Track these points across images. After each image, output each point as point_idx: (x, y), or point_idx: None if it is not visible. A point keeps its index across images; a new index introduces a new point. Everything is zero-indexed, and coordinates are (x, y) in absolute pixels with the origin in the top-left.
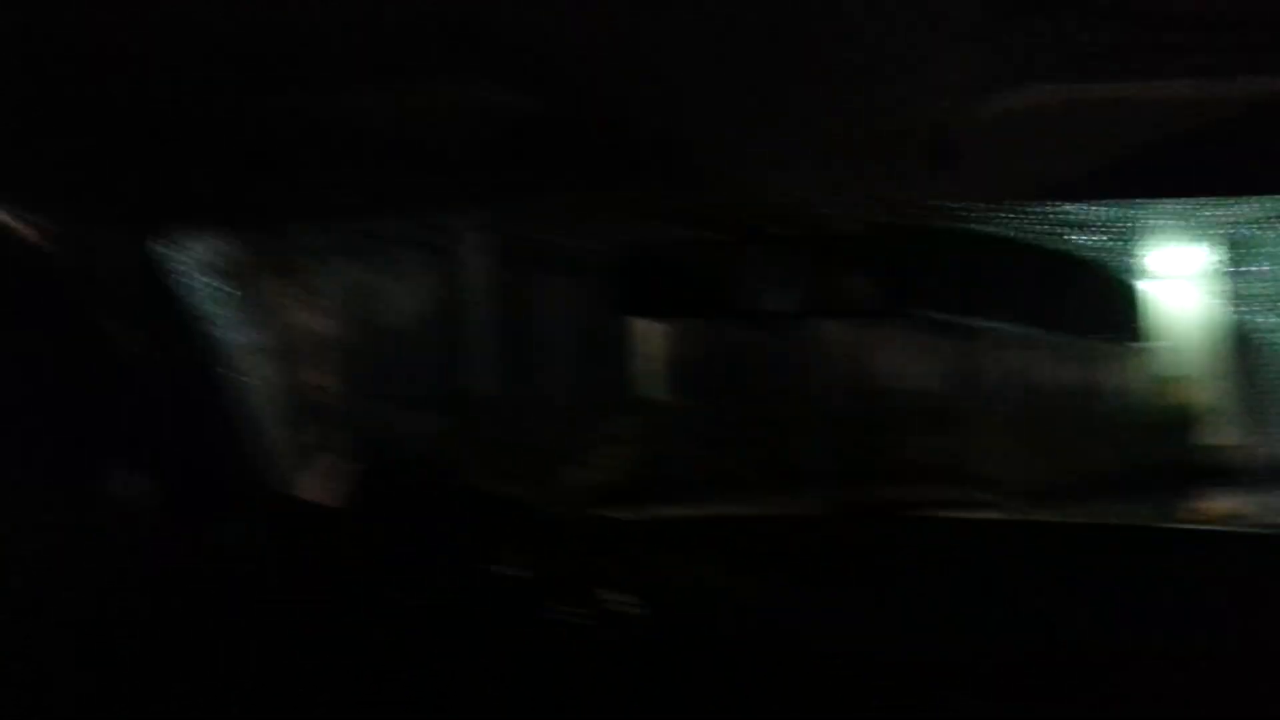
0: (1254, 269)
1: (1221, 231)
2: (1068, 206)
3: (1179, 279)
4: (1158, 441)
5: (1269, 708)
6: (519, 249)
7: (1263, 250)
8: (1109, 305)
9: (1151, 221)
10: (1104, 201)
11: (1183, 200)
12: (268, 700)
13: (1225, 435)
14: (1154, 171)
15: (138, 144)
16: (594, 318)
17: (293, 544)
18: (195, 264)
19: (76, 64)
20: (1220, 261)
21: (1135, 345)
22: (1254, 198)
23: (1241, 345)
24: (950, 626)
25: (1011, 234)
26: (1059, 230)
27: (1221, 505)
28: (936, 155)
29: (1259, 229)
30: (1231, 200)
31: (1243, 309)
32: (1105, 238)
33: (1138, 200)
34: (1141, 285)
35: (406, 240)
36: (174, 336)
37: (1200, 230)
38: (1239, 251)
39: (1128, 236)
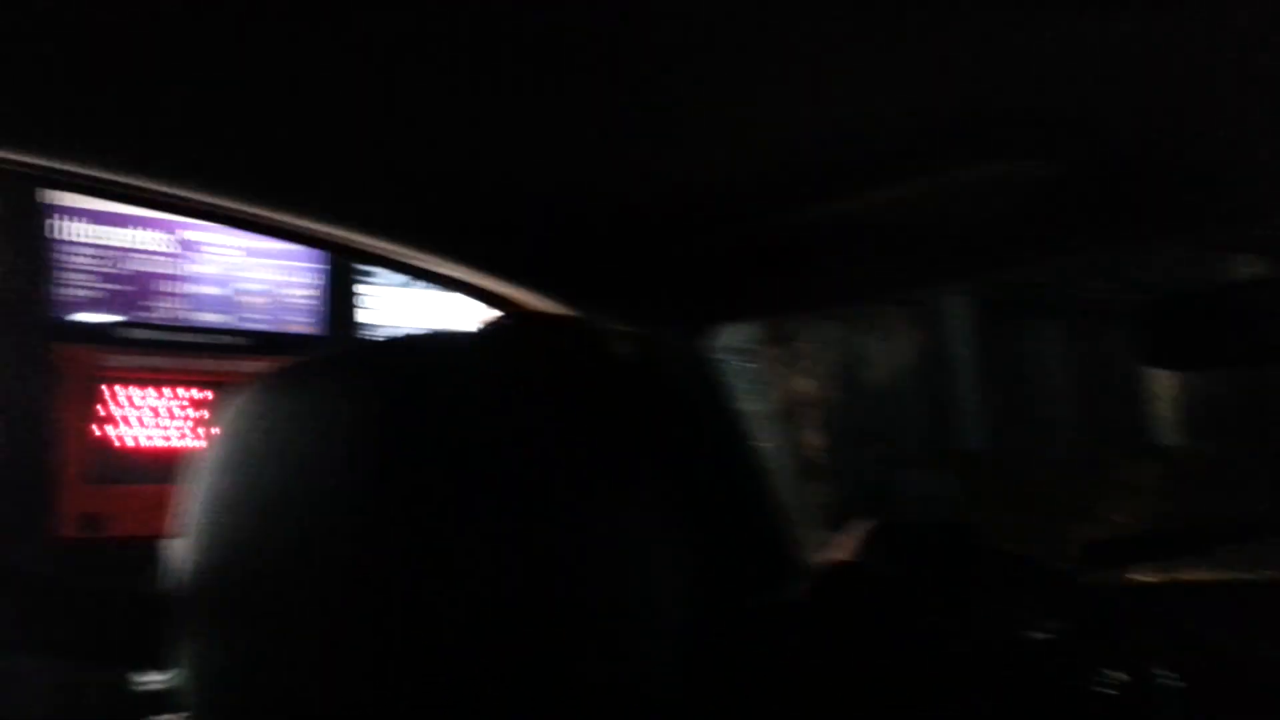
0: None
1: None
2: None
3: None
4: None
5: None
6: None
7: None
8: None
9: None
10: None
11: None
12: None
13: None
14: None
15: (699, 254)
16: (1112, 367)
17: (825, 604)
18: (721, 348)
19: (653, 198)
20: None
21: None
22: None
23: None
24: None
25: None
26: None
27: None
28: None
29: None
30: None
31: None
32: None
33: None
34: None
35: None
36: (715, 414)
37: None
38: None
39: None
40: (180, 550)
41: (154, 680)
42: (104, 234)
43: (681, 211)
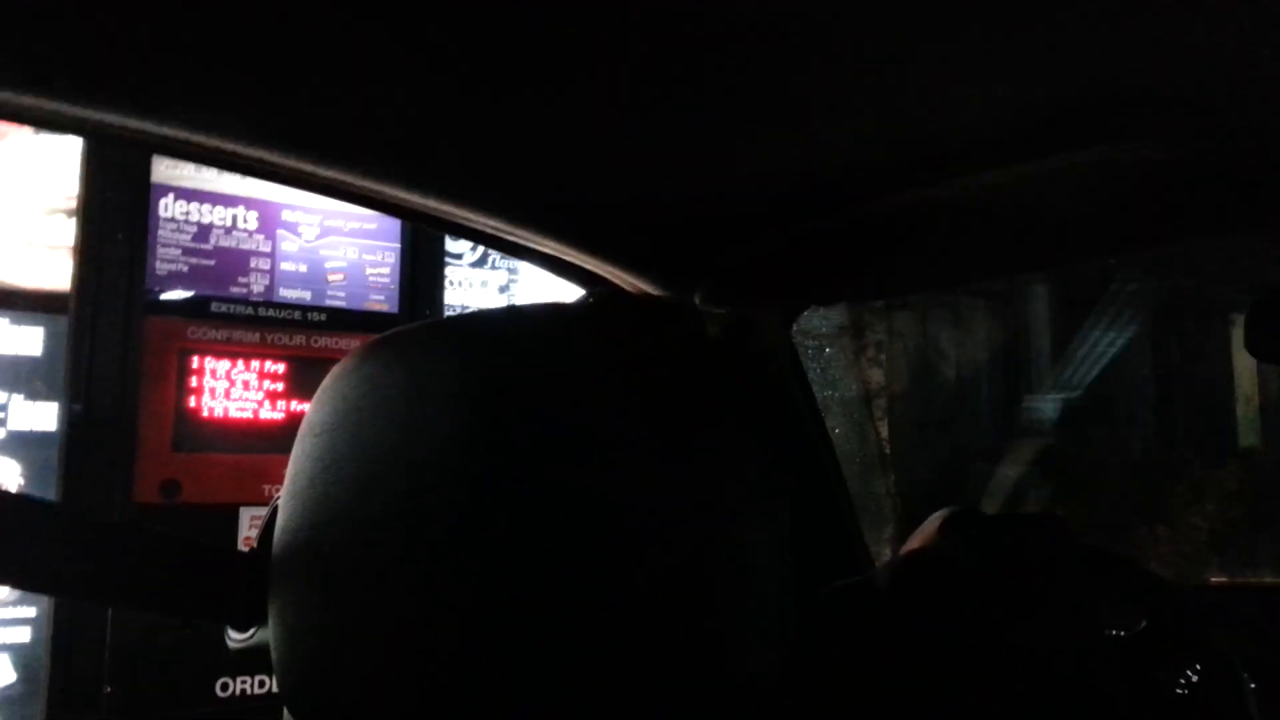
0: None
1: None
2: None
3: None
4: None
5: None
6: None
7: None
8: None
9: None
10: None
11: None
12: None
13: None
14: None
15: (794, 236)
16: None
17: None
18: (801, 331)
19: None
20: None
21: None
22: None
23: None
24: None
25: None
26: None
27: None
28: None
29: None
30: None
31: None
32: None
33: None
34: None
35: (972, 290)
36: (800, 397)
37: None
38: None
39: None
40: (279, 509)
41: (238, 638)
42: (198, 211)
43: (778, 195)
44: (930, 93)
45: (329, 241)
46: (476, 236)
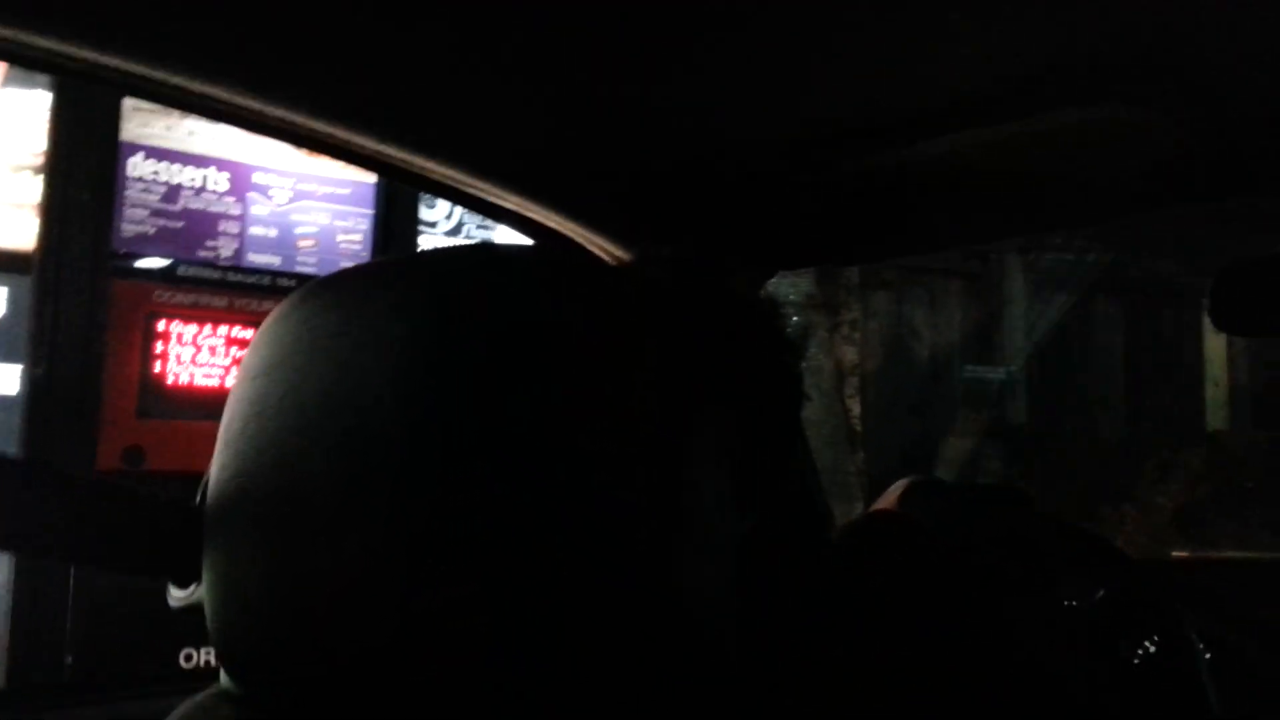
0: None
1: None
2: None
3: None
4: None
5: None
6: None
7: None
8: None
9: None
10: None
11: None
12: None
13: None
14: None
15: (763, 206)
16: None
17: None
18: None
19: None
20: None
21: None
22: None
23: None
24: None
25: None
26: None
27: None
28: None
29: None
30: None
31: None
32: None
33: None
34: None
35: (947, 271)
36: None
37: None
38: None
39: None
40: (215, 457)
41: (179, 595)
42: (167, 171)
43: (750, 154)
44: (914, 50)
45: (300, 206)
46: (444, 191)
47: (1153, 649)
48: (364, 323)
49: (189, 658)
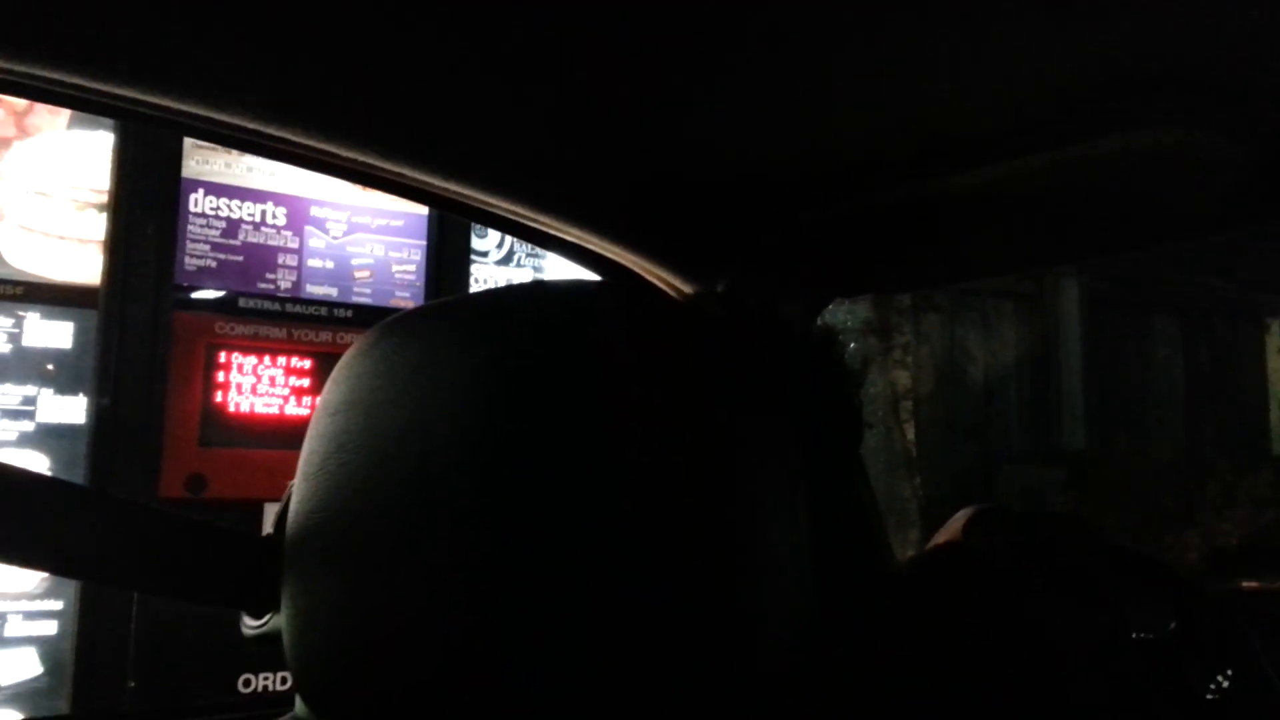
0: None
1: None
2: None
3: None
4: None
5: None
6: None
7: None
8: None
9: None
10: None
11: None
12: None
13: None
14: None
15: (815, 235)
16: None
17: (928, 580)
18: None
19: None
20: None
21: None
22: None
23: None
24: None
25: None
26: None
27: None
28: None
29: None
30: None
31: None
32: None
33: None
34: None
35: (1000, 293)
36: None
37: None
38: None
39: None
40: (292, 491)
41: (253, 625)
42: (227, 207)
43: (803, 182)
44: (971, 72)
45: (356, 238)
46: (497, 222)
47: (1226, 682)
48: (436, 360)
49: (247, 683)
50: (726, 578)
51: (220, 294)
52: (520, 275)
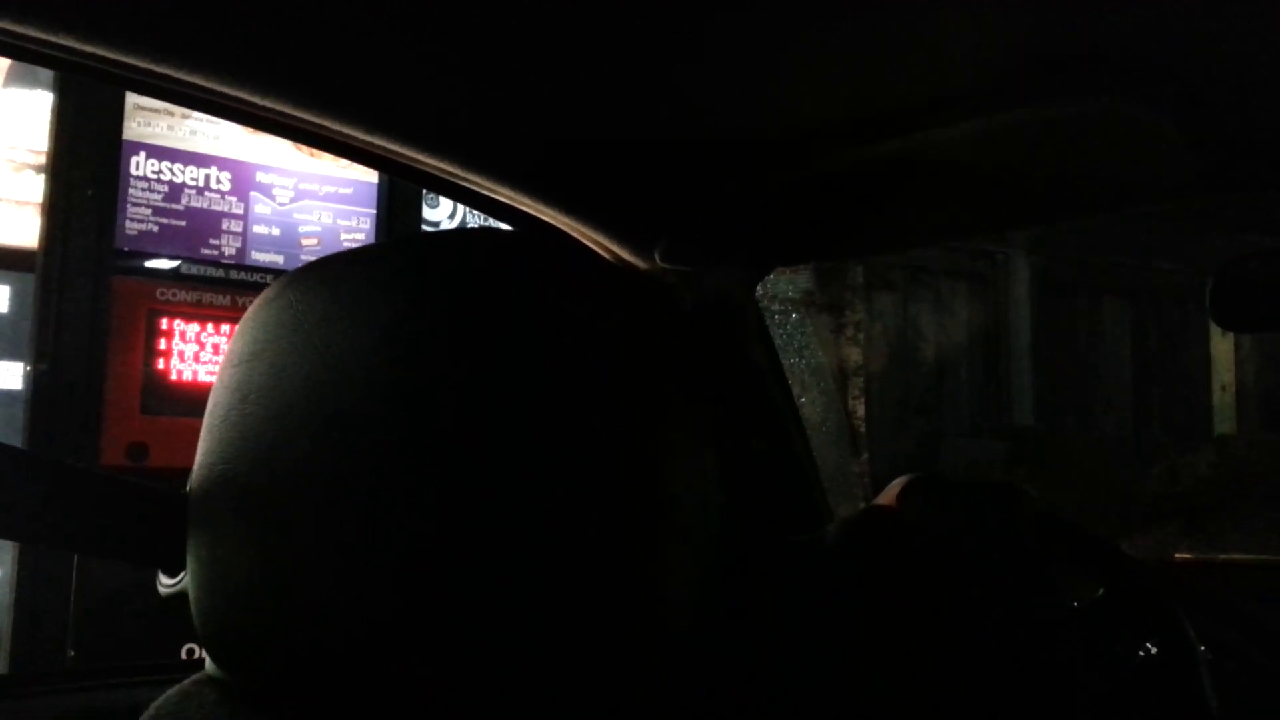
0: None
1: None
2: None
3: None
4: None
5: None
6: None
7: None
8: None
9: None
10: None
11: None
12: (806, 697)
13: None
14: None
15: (757, 200)
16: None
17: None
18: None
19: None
20: None
21: None
22: None
23: None
24: None
25: None
26: None
27: None
28: None
29: None
30: None
31: None
32: None
33: None
34: None
35: (953, 272)
36: (763, 361)
37: None
38: None
39: None
40: (200, 444)
41: (168, 584)
42: (169, 170)
43: (742, 146)
44: (905, 41)
45: (303, 205)
46: (443, 186)
47: (1152, 649)
48: (346, 306)
49: (191, 653)
50: (631, 534)
51: (163, 260)
52: None
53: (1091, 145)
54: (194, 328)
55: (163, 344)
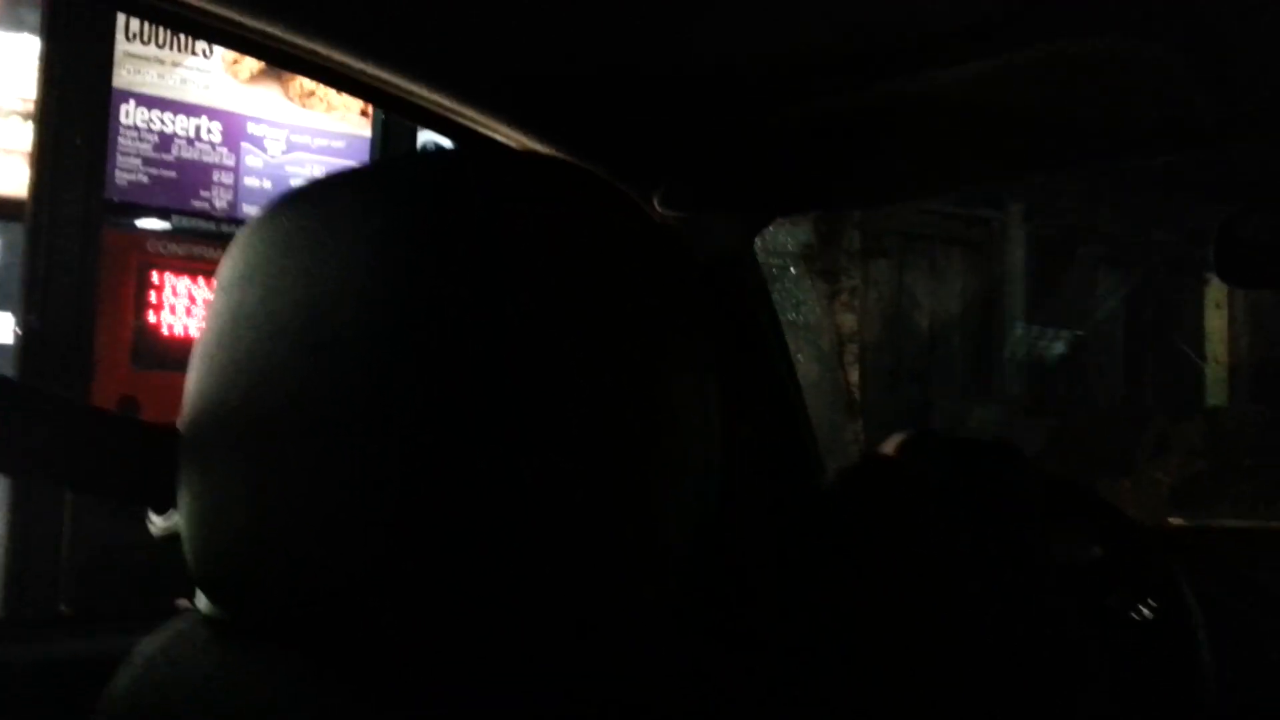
0: None
1: None
2: None
3: None
4: None
5: None
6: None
7: None
8: None
9: None
10: None
11: None
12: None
13: None
14: None
15: (757, 144)
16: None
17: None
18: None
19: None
20: None
21: None
22: None
23: None
24: None
25: None
26: None
27: None
28: None
29: None
30: None
31: None
32: None
33: None
34: None
35: (949, 239)
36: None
37: None
38: None
39: None
40: (189, 374)
41: (160, 523)
42: (160, 120)
43: (743, 87)
44: None
45: (295, 157)
46: (437, 122)
47: (1148, 609)
48: (337, 227)
49: (183, 607)
50: (629, 459)
51: (152, 211)
52: None
53: (1098, 87)
54: (184, 281)
55: (153, 297)
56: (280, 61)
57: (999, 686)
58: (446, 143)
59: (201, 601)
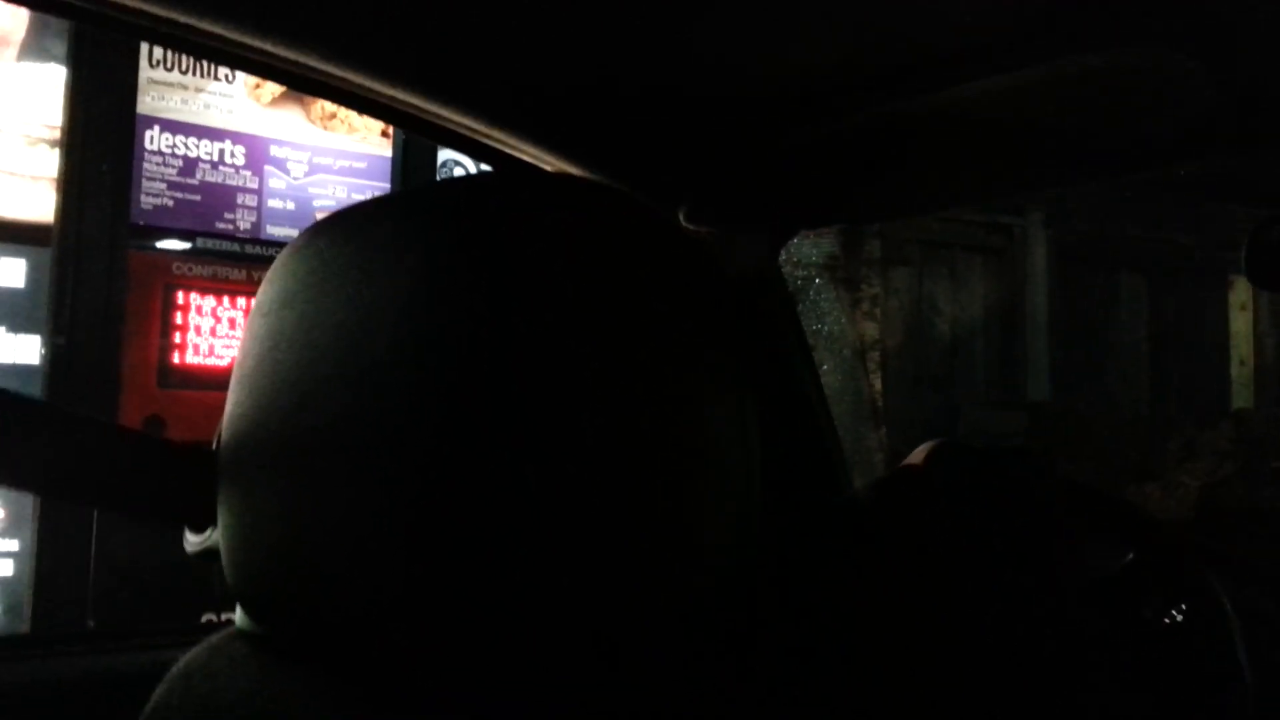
0: None
1: None
2: None
3: None
4: None
5: None
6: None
7: None
8: None
9: None
10: None
11: None
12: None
13: None
14: None
15: (780, 159)
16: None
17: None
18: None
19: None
20: None
21: None
22: None
23: None
24: None
25: None
26: None
27: None
28: None
29: None
30: None
31: None
32: None
33: None
34: None
35: (970, 246)
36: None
37: None
38: None
39: None
40: (229, 396)
41: (195, 540)
42: (184, 145)
43: (767, 102)
44: None
45: (317, 179)
46: (461, 142)
47: (1181, 615)
48: (376, 253)
49: (210, 624)
50: (666, 482)
51: (178, 234)
52: None
53: (1120, 98)
54: (210, 302)
55: (179, 318)
56: (302, 86)
57: (1031, 695)
58: (468, 161)
59: (240, 617)
